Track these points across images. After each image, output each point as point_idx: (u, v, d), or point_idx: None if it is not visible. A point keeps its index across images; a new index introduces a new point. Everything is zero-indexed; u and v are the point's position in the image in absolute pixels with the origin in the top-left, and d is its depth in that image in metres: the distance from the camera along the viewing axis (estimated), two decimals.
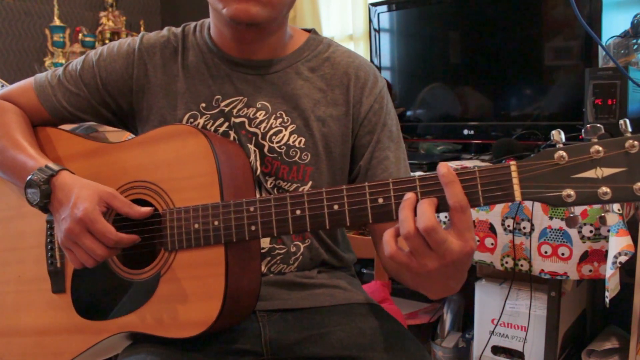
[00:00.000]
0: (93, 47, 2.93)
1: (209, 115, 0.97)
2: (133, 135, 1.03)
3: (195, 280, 0.83)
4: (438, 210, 0.68)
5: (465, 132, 1.84)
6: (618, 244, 1.23)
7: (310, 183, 0.97)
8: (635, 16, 1.57)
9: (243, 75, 0.98)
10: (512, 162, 0.66)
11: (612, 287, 1.24)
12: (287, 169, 0.96)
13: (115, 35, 3.05)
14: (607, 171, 0.62)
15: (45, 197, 0.86)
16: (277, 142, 0.96)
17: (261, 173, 0.96)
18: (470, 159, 1.79)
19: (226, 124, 0.97)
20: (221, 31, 0.97)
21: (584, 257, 1.35)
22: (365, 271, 2.07)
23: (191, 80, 0.98)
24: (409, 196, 0.68)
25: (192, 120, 0.97)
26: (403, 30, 2.07)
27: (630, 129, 0.62)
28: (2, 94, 1.04)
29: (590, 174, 0.63)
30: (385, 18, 2.06)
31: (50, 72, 1.04)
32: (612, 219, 0.64)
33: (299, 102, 0.97)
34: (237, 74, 0.98)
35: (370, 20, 2.11)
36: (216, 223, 0.81)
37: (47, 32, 2.82)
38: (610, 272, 1.23)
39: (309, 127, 0.97)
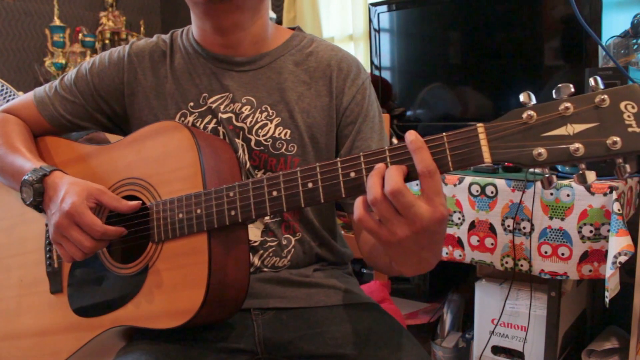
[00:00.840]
0: (93, 47, 2.93)
1: (197, 114, 1.00)
2: None
3: (181, 270, 0.84)
4: (408, 178, 0.67)
5: None
6: (618, 244, 1.23)
7: None
8: (635, 16, 1.57)
9: (228, 72, 1.01)
10: (480, 124, 0.65)
11: (612, 287, 1.24)
12: (275, 161, 0.98)
13: (115, 35, 3.06)
14: (578, 127, 0.60)
15: (38, 195, 0.89)
16: (263, 136, 0.98)
17: (250, 167, 0.98)
18: None
19: (214, 120, 0.99)
20: (202, 29, 1.00)
21: (584, 257, 1.35)
22: (365, 271, 2.08)
23: (179, 81, 1.02)
24: (378, 165, 0.68)
25: (182, 119, 1.00)
26: (403, 30, 2.07)
27: (602, 87, 0.61)
28: (5, 108, 1.10)
29: (560, 131, 0.61)
30: (385, 18, 2.06)
31: (47, 85, 1.08)
32: (591, 176, 0.62)
33: (283, 95, 0.99)
34: (222, 71, 1.01)
35: (370, 20, 2.11)
36: (199, 211, 0.82)
37: (47, 32, 2.82)
38: (610, 272, 1.23)
39: (294, 119, 0.99)
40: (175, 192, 0.85)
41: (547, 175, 0.64)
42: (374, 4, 2.08)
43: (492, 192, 1.47)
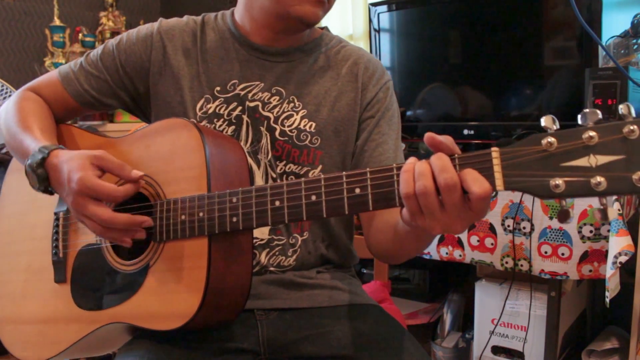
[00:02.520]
0: (93, 47, 2.93)
1: (222, 99, 1.00)
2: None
3: (180, 272, 0.83)
4: None
5: (465, 132, 1.84)
6: (618, 244, 1.23)
7: (320, 167, 1.00)
8: (635, 16, 1.57)
9: (262, 61, 1.02)
10: (495, 149, 0.61)
11: (612, 287, 1.24)
12: (298, 152, 0.99)
13: (115, 35, 3.05)
14: (602, 159, 0.56)
15: (43, 180, 0.87)
16: (288, 126, 0.99)
17: (272, 157, 0.99)
18: None
19: (239, 108, 0.99)
20: (255, 18, 1.00)
21: (584, 257, 1.35)
22: (365, 271, 2.07)
23: (208, 63, 1.01)
24: (420, 162, 0.65)
25: (205, 104, 0.99)
26: (403, 30, 2.07)
27: (634, 115, 0.56)
28: (28, 86, 1.08)
29: (582, 162, 0.57)
30: (385, 18, 2.06)
31: (72, 62, 1.08)
32: (613, 213, 0.59)
33: (311, 89, 1.02)
34: (256, 60, 1.02)
35: (370, 20, 2.11)
36: (201, 214, 0.81)
37: (47, 32, 2.82)
38: (610, 272, 1.23)
39: (319, 112, 1.01)
40: (180, 192, 0.85)
41: (564, 208, 0.61)
42: (374, 4, 2.08)
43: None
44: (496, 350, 1.66)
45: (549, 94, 1.72)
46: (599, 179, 0.56)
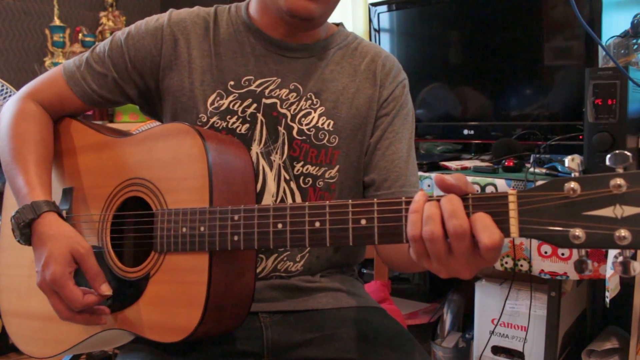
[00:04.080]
0: None
1: (237, 94, 0.96)
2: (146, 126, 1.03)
3: (181, 285, 0.82)
4: None
5: (465, 132, 1.84)
6: None
7: (337, 167, 0.98)
8: (635, 16, 1.57)
9: (278, 56, 0.98)
10: (512, 192, 0.57)
11: (612, 288, 1.24)
12: (316, 152, 0.96)
13: None
14: (629, 210, 0.51)
15: (25, 239, 0.86)
16: (306, 125, 0.96)
17: (288, 157, 0.96)
18: (470, 159, 1.79)
19: (254, 105, 0.96)
20: (270, 12, 0.97)
21: None
22: (365, 271, 2.07)
23: (221, 57, 0.97)
24: (427, 201, 0.62)
25: (218, 99, 0.96)
26: (403, 30, 2.07)
27: None
28: (29, 90, 1.02)
29: (606, 212, 0.52)
30: (385, 18, 2.06)
31: (76, 58, 1.03)
32: (636, 266, 0.53)
33: (329, 85, 0.99)
34: (272, 55, 0.98)
35: (370, 20, 2.11)
36: (202, 229, 0.79)
37: (47, 32, 2.82)
38: (610, 272, 1.23)
39: (337, 110, 0.98)
40: (182, 202, 0.83)
41: (583, 259, 0.57)
42: (374, 4, 2.08)
43: (492, 192, 1.47)
44: (496, 350, 1.66)
45: (548, 94, 1.72)
46: (623, 232, 0.51)
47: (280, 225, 0.73)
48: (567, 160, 0.57)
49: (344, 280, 1.04)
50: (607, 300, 1.23)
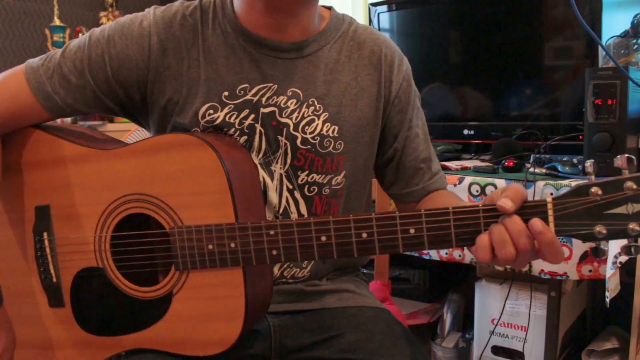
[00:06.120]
0: None
1: (232, 106, 0.89)
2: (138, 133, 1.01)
3: (213, 301, 0.81)
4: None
5: (465, 132, 1.84)
6: (618, 243, 1.23)
7: (343, 172, 0.95)
8: (635, 16, 1.57)
9: (272, 59, 0.90)
10: (549, 200, 0.68)
11: (612, 287, 1.24)
12: (322, 160, 0.92)
13: None
14: (638, 207, 0.64)
15: None
16: (310, 133, 0.91)
17: (291, 167, 0.92)
18: (470, 159, 1.79)
19: (252, 115, 0.89)
20: (250, 6, 0.88)
21: (584, 257, 1.35)
22: (365, 271, 2.07)
23: (212, 65, 0.89)
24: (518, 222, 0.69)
25: (211, 111, 0.89)
26: (403, 30, 2.07)
27: None
28: None
29: (621, 209, 0.65)
30: (385, 18, 2.06)
31: (43, 65, 0.89)
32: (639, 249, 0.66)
33: (330, 87, 0.92)
34: (266, 58, 0.90)
35: (370, 20, 2.11)
36: (233, 245, 0.78)
37: (47, 32, 2.82)
38: (610, 272, 1.23)
39: (341, 114, 0.92)
40: (201, 218, 0.80)
41: (601, 247, 0.71)
42: (374, 4, 2.08)
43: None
44: (496, 350, 1.66)
45: (548, 94, 1.72)
46: (633, 225, 0.65)
47: (324, 238, 0.74)
48: (587, 166, 0.68)
49: (349, 281, 1.04)
50: (607, 300, 1.23)
